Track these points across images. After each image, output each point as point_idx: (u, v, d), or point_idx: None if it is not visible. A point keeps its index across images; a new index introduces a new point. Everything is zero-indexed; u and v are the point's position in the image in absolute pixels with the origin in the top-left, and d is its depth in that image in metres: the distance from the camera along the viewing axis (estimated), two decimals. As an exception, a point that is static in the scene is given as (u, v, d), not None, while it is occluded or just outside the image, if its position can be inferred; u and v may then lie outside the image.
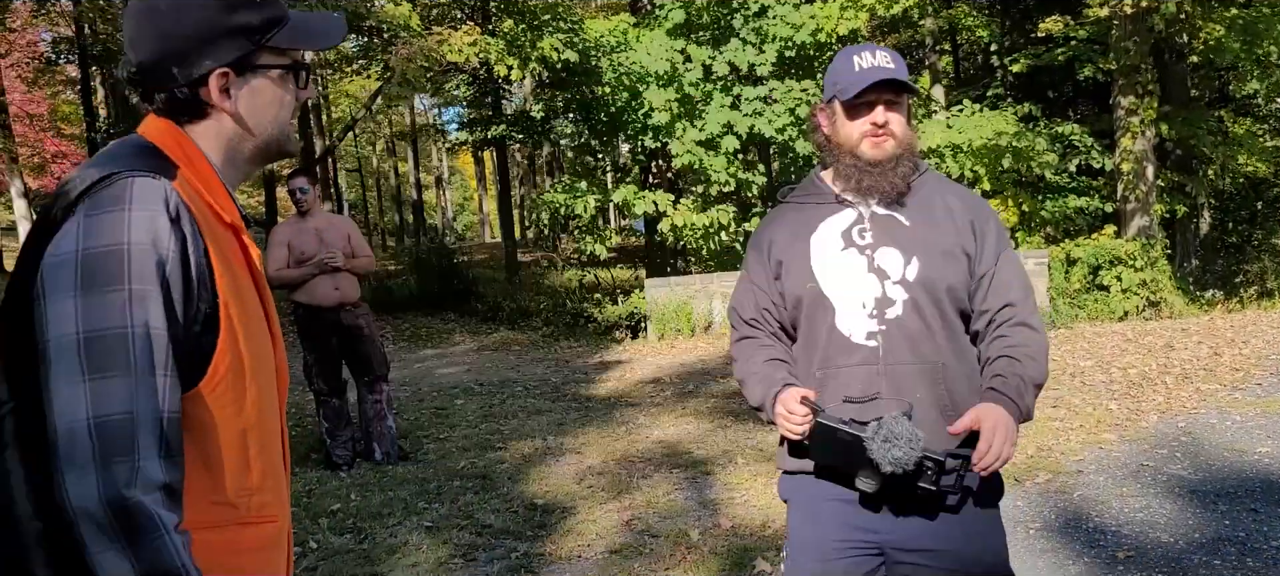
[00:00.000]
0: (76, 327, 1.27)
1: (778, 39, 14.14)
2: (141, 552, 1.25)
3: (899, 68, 2.16)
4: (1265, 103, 23.07)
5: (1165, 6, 13.22)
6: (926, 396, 2.12)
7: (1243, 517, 4.59)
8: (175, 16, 1.42)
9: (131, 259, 1.29)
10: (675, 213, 14.37)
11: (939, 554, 2.14)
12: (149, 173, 1.36)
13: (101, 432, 1.24)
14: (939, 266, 2.16)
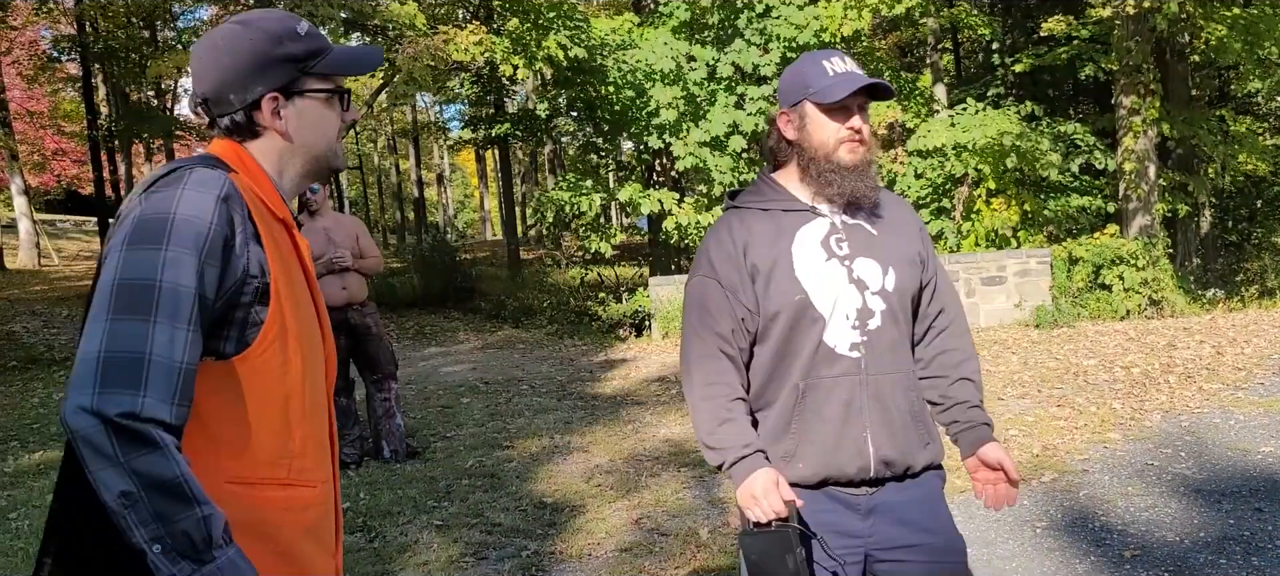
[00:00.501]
0: (114, 276, 1.43)
1: (782, 39, 14.16)
2: (138, 464, 1.35)
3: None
4: (1265, 102, 23.12)
5: (1167, 6, 13.25)
6: (904, 405, 2.17)
7: (1248, 517, 4.64)
8: (232, 52, 1.65)
9: (174, 226, 1.46)
10: (680, 211, 14.41)
11: (917, 548, 2.19)
12: (212, 166, 1.58)
13: (108, 363, 1.37)
14: (908, 276, 2.22)
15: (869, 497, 2.19)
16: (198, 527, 1.38)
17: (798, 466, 2.18)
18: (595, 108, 16.02)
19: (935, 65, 17.81)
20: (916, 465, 2.21)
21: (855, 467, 2.15)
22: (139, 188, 1.56)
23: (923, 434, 2.22)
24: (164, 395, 1.39)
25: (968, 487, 5.34)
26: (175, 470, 1.37)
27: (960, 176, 14.85)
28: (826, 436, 2.15)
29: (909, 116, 15.76)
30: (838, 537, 2.17)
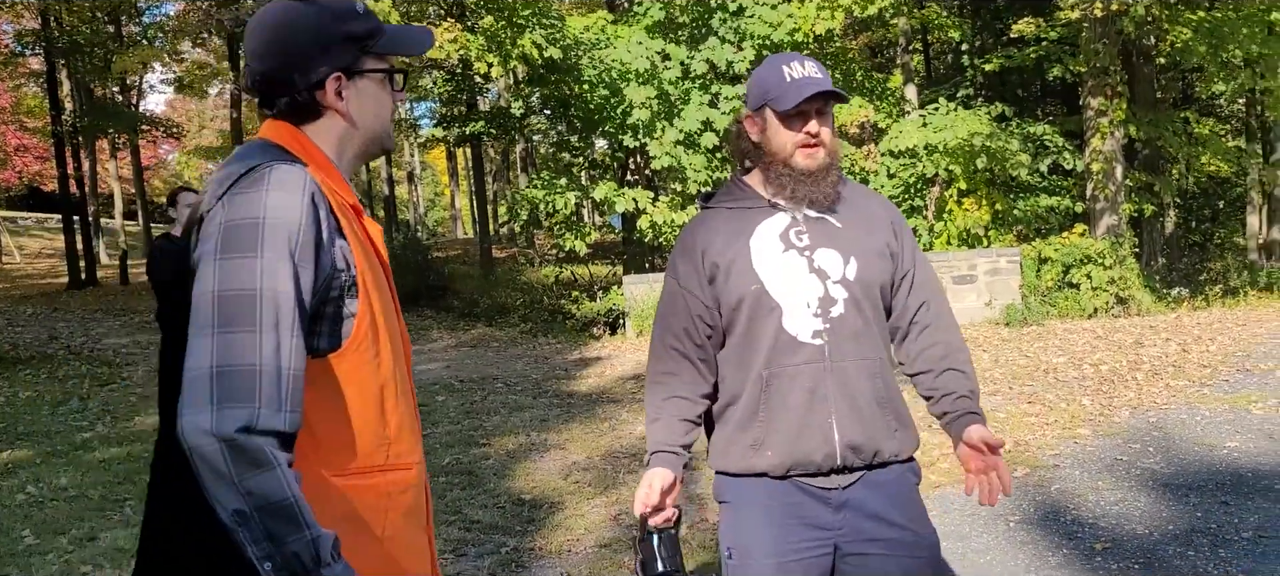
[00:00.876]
0: (213, 287, 1.42)
1: (756, 38, 14.23)
2: (252, 484, 1.35)
3: (826, 78, 2.22)
4: (1229, 104, 23.52)
5: (1134, 10, 13.45)
6: (868, 391, 2.19)
7: (1214, 510, 4.73)
8: (295, 30, 1.62)
9: (264, 230, 1.44)
10: (654, 210, 14.45)
11: (885, 542, 2.20)
12: (289, 162, 1.55)
13: (222, 379, 1.37)
14: (874, 266, 2.24)
15: (841, 492, 2.21)
16: (307, 548, 1.38)
17: (766, 454, 2.21)
18: (569, 106, 16.02)
19: (906, 66, 17.96)
20: (885, 452, 2.21)
21: (821, 454, 2.18)
22: (216, 188, 1.52)
23: (891, 421, 2.22)
24: (277, 404, 1.39)
25: (943, 482, 5.42)
26: (286, 492, 1.37)
27: (932, 177, 15.01)
28: (792, 423, 2.18)
29: (881, 117, 15.88)
30: (806, 529, 2.20)
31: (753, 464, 2.22)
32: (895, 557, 2.20)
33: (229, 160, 1.59)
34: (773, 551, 2.21)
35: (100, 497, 6.01)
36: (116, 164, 31.42)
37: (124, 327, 15.17)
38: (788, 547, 2.21)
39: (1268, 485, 5.04)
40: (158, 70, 27.00)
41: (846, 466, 2.20)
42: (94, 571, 4.70)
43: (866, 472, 2.23)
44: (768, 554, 2.22)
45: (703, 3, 14.74)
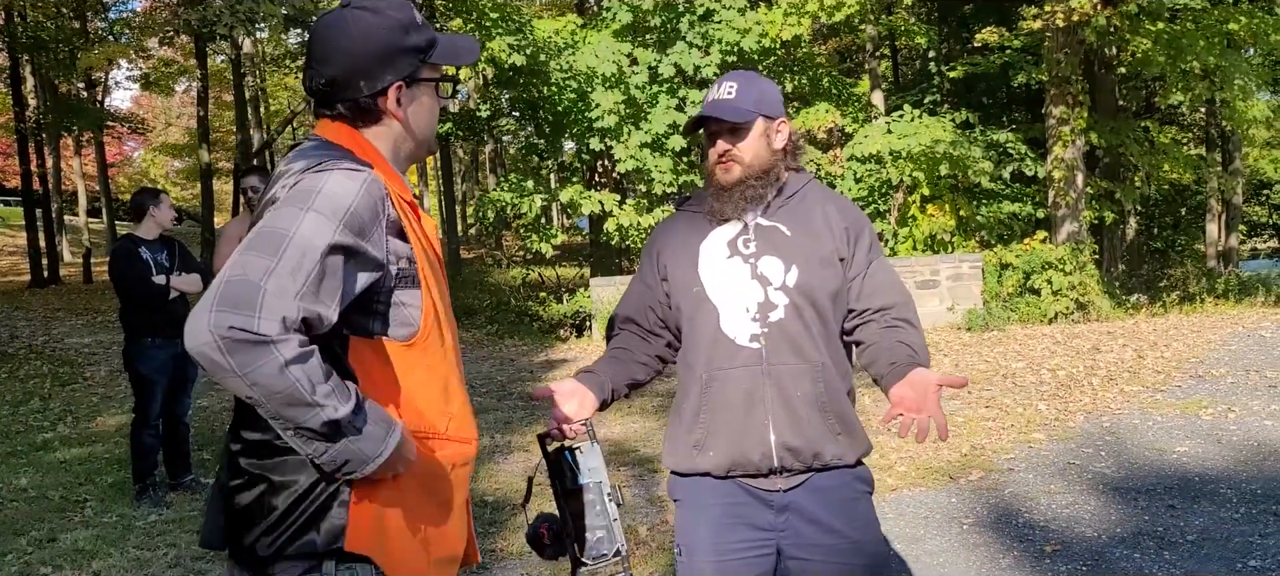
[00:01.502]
0: (259, 225, 1.54)
1: (723, 43, 14.33)
2: (254, 375, 1.43)
3: (741, 97, 2.29)
4: (1189, 113, 23.92)
5: (1095, 20, 13.67)
6: (808, 394, 2.24)
7: (1161, 513, 4.86)
8: (363, 39, 1.70)
9: (320, 195, 1.54)
10: (620, 212, 14.50)
11: (825, 547, 2.25)
12: (352, 161, 1.64)
13: (227, 287, 1.44)
14: (817, 273, 2.27)
15: (782, 495, 2.27)
16: (319, 423, 1.48)
17: (708, 454, 2.28)
18: (537, 109, 16.04)
19: (873, 72, 18.14)
20: (825, 455, 2.25)
21: (759, 454, 2.24)
22: (282, 180, 1.61)
23: (833, 425, 2.25)
24: (276, 314, 1.44)
25: (899, 486, 5.51)
26: (286, 382, 1.44)
27: (896, 182, 15.17)
28: (731, 424, 2.25)
29: (847, 121, 16.04)
30: (747, 529, 2.27)
31: (697, 463, 2.30)
32: (834, 564, 2.25)
33: (298, 156, 1.67)
34: (714, 550, 2.28)
35: (60, 498, 5.98)
36: (81, 160, 31.02)
37: (87, 327, 15.01)
38: (728, 547, 2.27)
39: (1213, 489, 5.18)
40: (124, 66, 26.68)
41: (784, 468, 2.25)
42: (53, 572, 4.69)
43: (810, 476, 2.27)
44: (709, 552, 2.29)
45: (671, 7, 14.82)
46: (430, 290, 1.69)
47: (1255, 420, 6.54)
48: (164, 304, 5.75)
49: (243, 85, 22.42)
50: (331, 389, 1.49)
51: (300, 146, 1.74)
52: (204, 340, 1.42)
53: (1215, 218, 23.49)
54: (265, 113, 28.58)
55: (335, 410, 1.48)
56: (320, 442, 1.50)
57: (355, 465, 1.54)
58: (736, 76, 2.35)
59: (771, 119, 2.34)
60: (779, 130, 2.35)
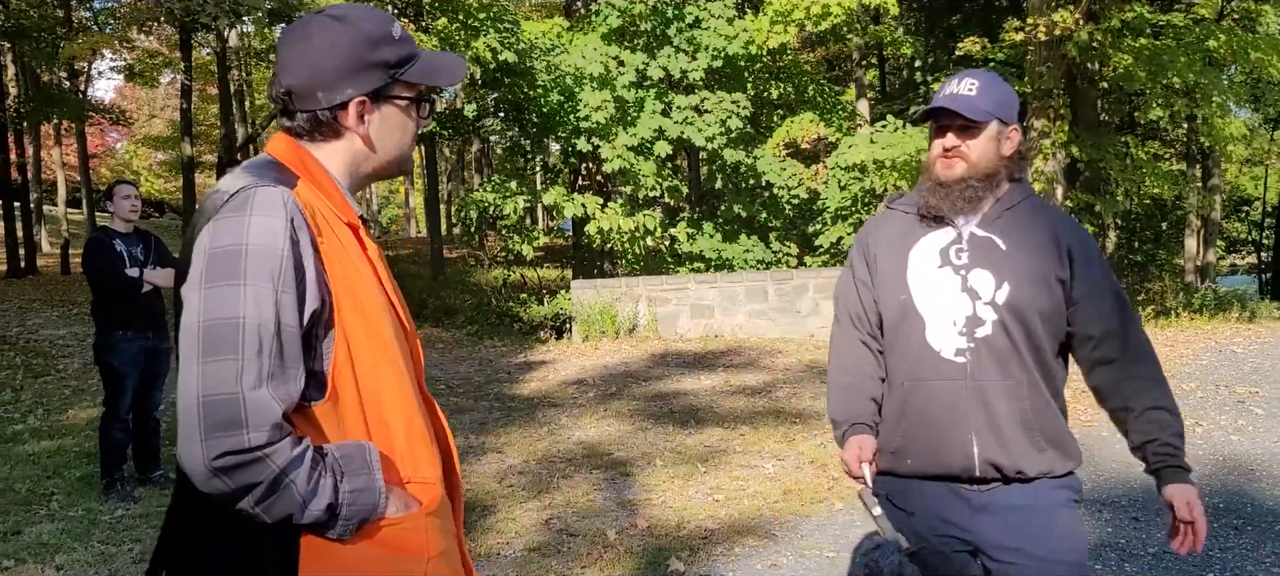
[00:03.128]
0: (198, 317, 1.44)
1: (710, 49, 14.37)
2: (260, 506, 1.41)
3: (981, 96, 2.25)
4: (1170, 129, 24.11)
5: (1078, 35, 13.76)
6: (1013, 411, 2.22)
7: (1125, 525, 4.90)
8: (327, 49, 1.60)
9: (247, 258, 1.45)
10: (603, 215, 14.50)
11: (1018, 552, 2.23)
12: (271, 183, 1.54)
13: (208, 409, 1.38)
14: (1029, 292, 2.22)
15: (980, 493, 2.28)
16: (316, 519, 1.46)
17: (906, 461, 2.33)
18: (523, 109, 16.04)
19: (859, 81, 18.21)
20: (1029, 470, 2.23)
21: (961, 466, 2.26)
22: (206, 211, 1.54)
23: (1038, 441, 2.23)
24: (263, 422, 1.40)
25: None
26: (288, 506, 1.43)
27: (880, 192, 15.24)
28: (932, 438, 2.27)
29: (832, 131, 16.09)
30: (943, 524, 2.30)
31: (894, 468, 2.35)
32: (1025, 572, 2.23)
33: (227, 179, 1.60)
34: (912, 537, 2.32)
35: (27, 491, 5.95)
36: (61, 150, 30.82)
37: (62, 319, 14.91)
38: (927, 535, 2.31)
39: (1177, 502, 5.22)
40: (107, 57, 26.50)
41: (985, 478, 2.26)
42: (16, 566, 4.66)
43: (1010, 484, 2.26)
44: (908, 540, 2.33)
45: (660, 12, 14.85)
46: (345, 326, 1.55)
47: (1222, 434, 6.61)
48: (137, 297, 5.72)
49: (227, 78, 22.33)
50: (314, 478, 1.45)
51: (239, 167, 1.66)
52: (201, 474, 1.39)
53: (1194, 233, 23.68)
54: (250, 107, 28.45)
55: (327, 496, 1.46)
56: (328, 528, 1.48)
57: (369, 516, 1.51)
58: (978, 74, 2.31)
59: (1006, 124, 2.30)
60: (1010, 137, 2.31)
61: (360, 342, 1.56)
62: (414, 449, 1.62)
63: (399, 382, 1.61)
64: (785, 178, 15.43)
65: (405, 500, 1.57)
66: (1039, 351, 2.25)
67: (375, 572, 1.53)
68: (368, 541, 1.51)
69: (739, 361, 10.21)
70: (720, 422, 7.41)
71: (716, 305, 12.45)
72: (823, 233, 15.60)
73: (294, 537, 1.49)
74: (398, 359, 1.62)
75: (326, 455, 1.48)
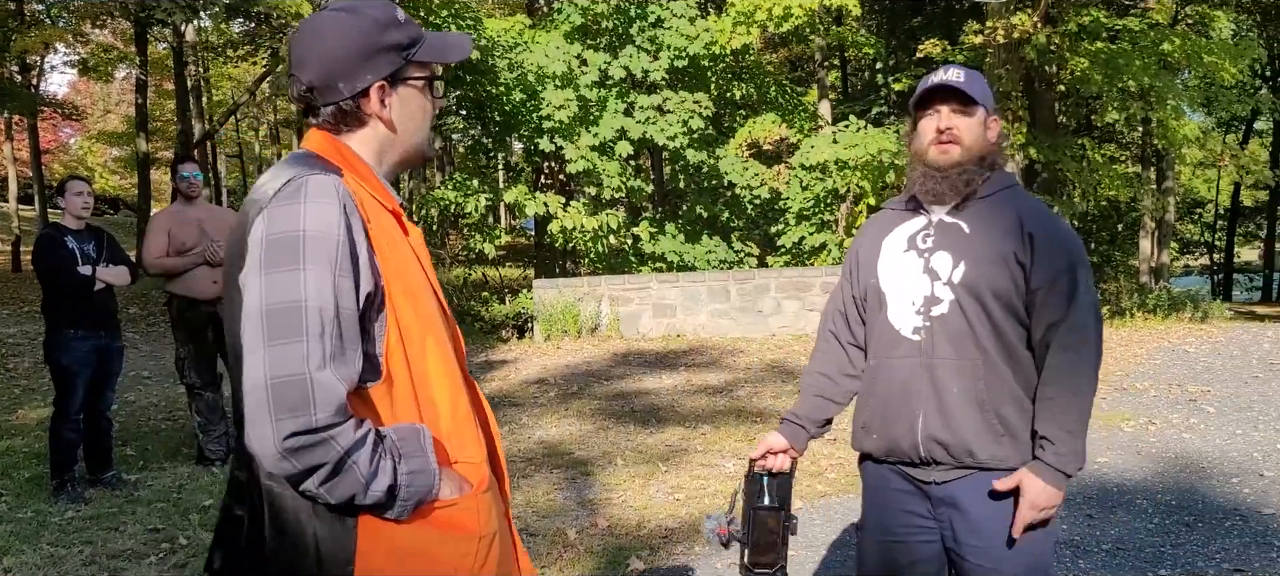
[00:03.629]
0: (260, 302, 1.49)
1: (672, 48, 14.38)
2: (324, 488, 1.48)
3: (970, 83, 2.30)
4: (1126, 132, 24.49)
5: (1036, 38, 13.94)
6: (966, 390, 2.24)
7: (1079, 522, 4.96)
8: (340, 39, 1.65)
9: (305, 243, 1.50)
10: (565, 215, 14.47)
11: (977, 549, 2.26)
12: (321, 172, 1.59)
13: (277, 391, 1.44)
14: (985, 270, 2.24)
15: (939, 487, 2.30)
16: (377, 500, 1.51)
17: (872, 437, 2.40)
18: (485, 107, 15.95)
19: (821, 82, 18.31)
20: (979, 454, 2.23)
21: (908, 443, 2.31)
22: (258, 201, 1.58)
23: (994, 426, 2.22)
24: (330, 402, 1.45)
25: (828, 492, 5.56)
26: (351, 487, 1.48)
27: (842, 192, 15.33)
28: (887, 414, 2.34)
29: (793, 132, 16.17)
30: (908, 515, 2.37)
31: (863, 444, 2.45)
32: (981, 571, 2.27)
33: (270, 174, 1.64)
34: (879, 530, 2.42)
35: (-26, 493, 5.82)
36: (13, 145, 30.19)
37: (12, 316, 14.61)
38: (893, 527, 2.39)
39: (1130, 499, 5.31)
40: (61, 51, 26.00)
41: (934, 459, 2.28)
42: (-39, 569, 4.56)
43: (971, 474, 2.26)
44: (875, 531, 2.43)
45: (623, 11, 14.83)
46: (396, 307, 1.61)
47: (1174, 432, 6.72)
48: (88, 295, 5.61)
49: (184, 74, 22.00)
50: (375, 459, 1.50)
51: (278, 163, 1.70)
52: (272, 455, 1.44)
53: (1149, 234, 24.06)
54: (208, 103, 28.06)
55: (387, 477, 1.51)
56: (387, 509, 1.53)
57: (425, 497, 1.57)
58: (961, 68, 2.36)
59: (989, 113, 2.36)
60: (992, 126, 2.36)
61: (410, 326, 1.62)
62: (460, 430, 1.68)
63: (446, 365, 1.68)
64: (747, 178, 15.47)
65: (458, 482, 1.64)
66: (999, 335, 2.25)
67: (430, 552, 1.58)
68: (423, 521, 1.57)
69: (701, 361, 10.22)
70: (681, 422, 7.41)
71: (678, 305, 12.47)
72: (785, 233, 15.67)
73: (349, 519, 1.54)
74: (445, 342, 1.70)
75: (385, 437, 1.54)
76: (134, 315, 14.72)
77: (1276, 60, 29.60)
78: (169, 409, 8.34)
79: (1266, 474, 5.69)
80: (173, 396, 8.81)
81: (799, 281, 12.36)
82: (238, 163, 41.47)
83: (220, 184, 34.28)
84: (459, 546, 1.61)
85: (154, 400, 8.86)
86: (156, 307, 14.51)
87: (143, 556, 4.68)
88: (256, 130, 41.91)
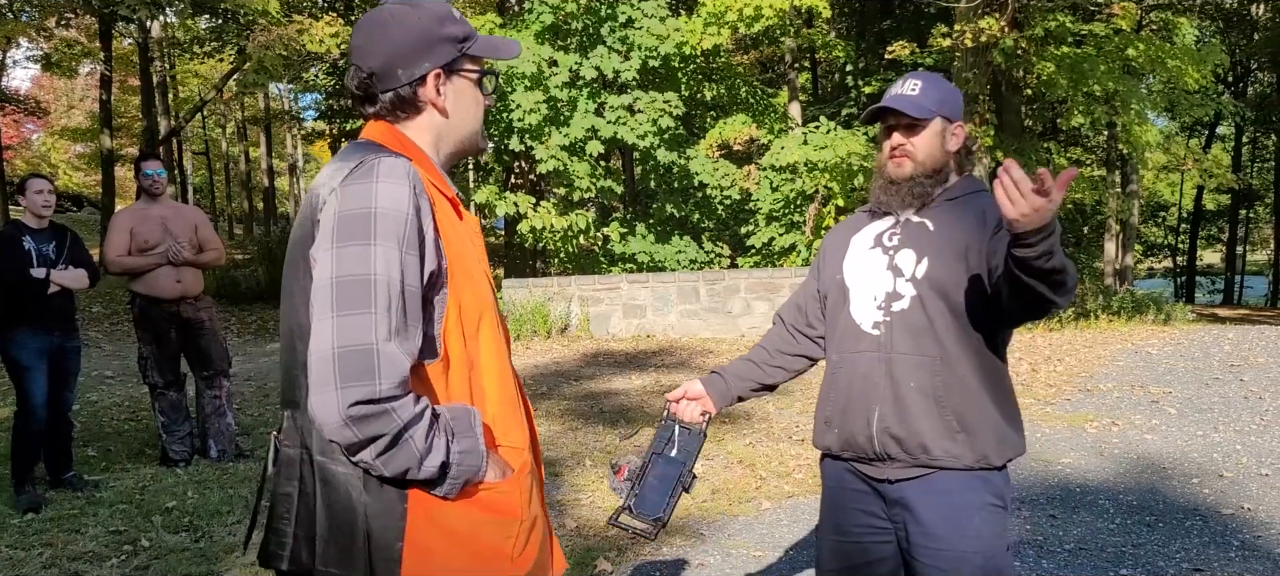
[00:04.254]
0: (331, 273, 1.55)
1: (643, 49, 14.39)
2: (381, 460, 1.54)
3: (924, 95, 2.32)
4: (1091, 136, 24.78)
5: (1003, 42, 14.07)
6: (924, 385, 2.26)
7: (1042, 522, 5.01)
8: (402, 30, 1.74)
9: (376, 220, 1.56)
10: (536, 215, 14.44)
11: (930, 551, 2.25)
12: (392, 155, 1.67)
13: (343, 359, 1.50)
14: (950, 266, 2.26)
15: (893, 486, 2.31)
16: (430, 476, 1.57)
17: (833, 431, 2.42)
18: (454, 107, 15.87)
19: (792, 84, 18.39)
20: (933, 450, 2.23)
21: (863, 437, 2.33)
22: (328, 182, 1.64)
23: (950, 422, 2.23)
24: (395, 373, 1.51)
25: (795, 493, 5.58)
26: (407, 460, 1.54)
27: (811, 193, 15.40)
28: (846, 408, 2.37)
29: (764, 133, 16.22)
30: (864, 514, 2.39)
31: (824, 440, 2.45)
32: (935, 572, 2.25)
33: (336, 159, 1.71)
34: (835, 529, 2.44)
35: (-70, 495, 5.71)
36: (-27, 142, 29.66)
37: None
38: (849, 526, 2.41)
39: (1093, 499, 5.37)
40: (23, 46, 25.62)
41: (888, 455, 2.29)
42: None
43: (929, 473, 2.26)
44: (831, 530, 2.45)
45: (593, 12, 14.82)
46: (457, 287, 1.67)
47: (1136, 433, 6.81)
48: (42, 297, 5.50)
49: (150, 70, 21.74)
50: (431, 435, 1.56)
51: (341, 150, 1.77)
52: (335, 422, 1.50)
53: (1113, 237, 24.37)
54: (174, 100, 27.73)
55: (441, 454, 1.57)
56: (437, 486, 1.60)
57: (473, 477, 1.63)
58: (922, 76, 2.38)
59: (950, 121, 2.36)
60: (955, 133, 2.38)
61: (469, 308, 1.68)
62: (505, 415, 1.75)
63: (497, 350, 1.75)
64: (718, 177, 15.51)
65: (502, 466, 1.70)
66: (962, 332, 2.26)
67: (474, 533, 1.65)
68: (468, 502, 1.64)
69: (670, 361, 10.24)
70: (651, 422, 7.42)
71: (649, 305, 12.48)
72: (755, 233, 15.72)
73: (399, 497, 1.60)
74: (497, 326, 1.77)
75: (440, 415, 1.60)
76: (97, 314, 14.53)
77: (1238, 65, 30.10)
78: (133, 409, 8.24)
79: (1226, 475, 5.78)
80: (136, 397, 8.71)
81: (768, 282, 12.40)
82: (204, 160, 41.04)
83: (186, 181, 33.91)
84: (502, 529, 1.68)
85: (117, 400, 8.75)
86: (120, 306, 14.33)
87: (104, 558, 4.62)
88: (223, 127, 41.50)
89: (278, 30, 14.33)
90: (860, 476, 2.39)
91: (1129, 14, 14.90)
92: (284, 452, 1.70)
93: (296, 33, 14.49)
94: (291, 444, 1.68)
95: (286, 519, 1.67)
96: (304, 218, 1.68)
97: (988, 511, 2.25)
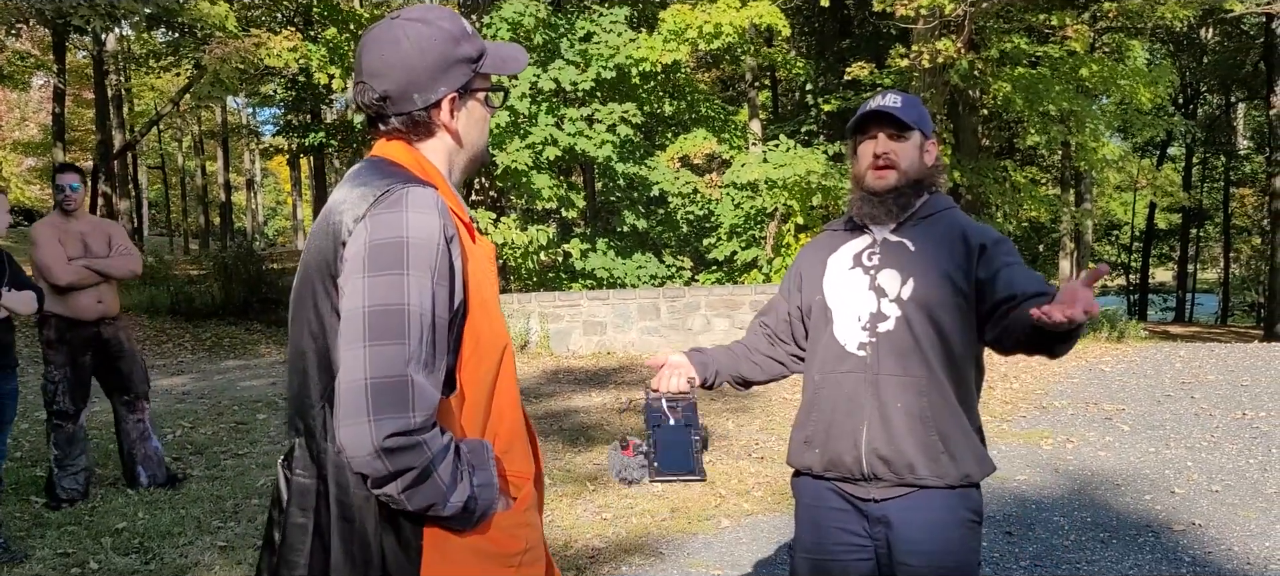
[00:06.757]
0: (363, 303, 1.51)
1: (599, 59, 14.43)
2: (408, 495, 1.51)
3: (906, 108, 2.35)
4: (1047, 155, 25.18)
5: (960, 63, 14.27)
6: (910, 406, 2.27)
7: (999, 539, 5.05)
8: (418, 52, 1.67)
9: (409, 250, 1.53)
10: (495, 230, 14.38)
11: (913, 570, 2.27)
12: (420, 184, 1.62)
13: (377, 391, 1.47)
14: (935, 288, 2.28)
15: (877, 505, 2.31)
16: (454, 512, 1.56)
17: (814, 452, 2.40)
18: (415, 121, 15.80)
19: (752, 101, 18.50)
20: (919, 470, 2.25)
21: (851, 459, 2.31)
22: (354, 209, 1.59)
23: (933, 441, 2.25)
24: (426, 406, 1.49)
25: (755, 511, 5.58)
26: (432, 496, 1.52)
27: (771, 211, 15.49)
28: (831, 428, 2.35)
29: (725, 149, 16.30)
30: (843, 533, 2.37)
31: (804, 459, 2.43)
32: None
33: (356, 180, 1.65)
34: (814, 548, 2.41)
35: None
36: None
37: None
38: (827, 546, 2.38)
39: (1047, 516, 5.42)
40: (-27, 57, 25.15)
41: (876, 476, 2.29)
42: None
43: (911, 492, 2.27)
44: (809, 549, 2.42)
45: (553, 27, 14.83)
46: (474, 318, 1.63)
47: (1090, 450, 6.89)
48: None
49: (105, 83, 21.42)
50: (456, 471, 1.55)
51: (357, 168, 1.71)
52: (366, 454, 1.47)
53: (1068, 255, 24.74)
54: (129, 113, 27.35)
55: (466, 489, 1.56)
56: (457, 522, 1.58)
57: (489, 511, 1.62)
58: (898, 93, 2.41)
59: (926, 137, 2.39)
60: (929, 149, 2.41)
61: (486, 339, 1.65)
62: (513, 445, 1.73)
63: (508, 380, 1.72)
64: (679, 186, 15.56)
65: (506, 498, 1.69)
66: (946, 352, 2.29)
67: (483, 567, 1.64)
68: (478, 536, 1.62)
69: (631, 378, 10.22)
70: (610, 440, 7.39)
71: (609, 322, 12.46)
72: (717, 246, 15.78)
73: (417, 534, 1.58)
74: (511, 357, 1.73)
75: (461, 450, 1.58)
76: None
77: (1188, 87, 30.76)
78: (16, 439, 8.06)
79: (1177, 491, 5.86)
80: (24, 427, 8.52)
81: (729, 299, 12.44)
82: (160, 174, 40.48)
83: (141, 196, 33.40)
84: (507, 563, 1.67)
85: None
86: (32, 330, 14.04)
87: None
88: (180, 141, 40.97)
89: (235, 44, 14.19)
90: (842, 495, 2.39)
91: (1082, 36, 15.19)
92: (297, 481, 1.65)
93: (254, 46, 14.34)
94: (306, 474, 1.63)
95: (299, 550, 1.63)
96: (320, 240, 1.63)
97: (967, 527, 2.32)
